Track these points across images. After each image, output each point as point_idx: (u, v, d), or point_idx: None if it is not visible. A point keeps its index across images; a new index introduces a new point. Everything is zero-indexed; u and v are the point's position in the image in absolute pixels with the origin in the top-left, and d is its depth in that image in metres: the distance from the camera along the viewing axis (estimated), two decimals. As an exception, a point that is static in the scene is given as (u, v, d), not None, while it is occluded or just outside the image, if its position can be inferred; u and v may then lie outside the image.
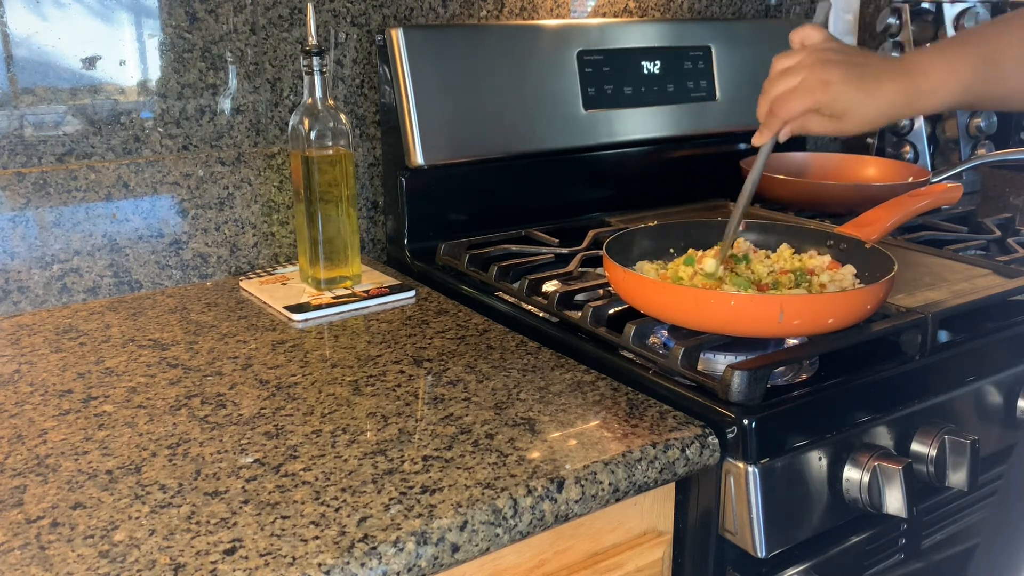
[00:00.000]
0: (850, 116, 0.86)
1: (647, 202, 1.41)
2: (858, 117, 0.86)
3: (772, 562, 0.80)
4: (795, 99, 0.87)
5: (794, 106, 0.87)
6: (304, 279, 1.14)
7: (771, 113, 0.89)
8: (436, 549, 0.63)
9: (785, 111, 0.87)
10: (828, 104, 0.86)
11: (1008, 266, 1.07)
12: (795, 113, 0.87)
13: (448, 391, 0.85)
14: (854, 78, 0.86)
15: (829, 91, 0.85)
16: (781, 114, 0.88)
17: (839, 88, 0.85)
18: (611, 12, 1.48)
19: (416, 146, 1.18)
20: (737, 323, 0.83)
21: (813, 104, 0.86)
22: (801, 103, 0.86)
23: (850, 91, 0.85)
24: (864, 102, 0.86)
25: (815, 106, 0.86)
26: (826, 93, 0.85)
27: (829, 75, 0.85)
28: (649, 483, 0.74)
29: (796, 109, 0.87)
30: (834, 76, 0.85)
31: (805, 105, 0.86)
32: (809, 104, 0.86)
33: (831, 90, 0.85)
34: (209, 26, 1.15)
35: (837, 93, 0.85)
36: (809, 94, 0.86)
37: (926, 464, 0.87)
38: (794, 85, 0.87)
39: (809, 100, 0.86)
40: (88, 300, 1.11)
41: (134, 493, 0.68)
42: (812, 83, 0.86)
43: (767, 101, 0.90)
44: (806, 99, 0.86)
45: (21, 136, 1.06)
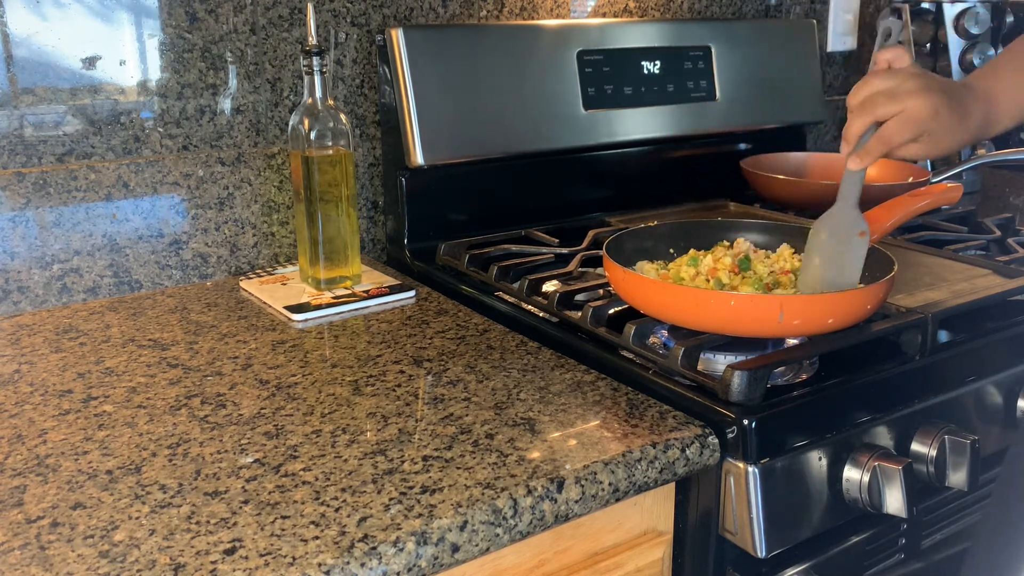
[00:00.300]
0: (944, 142, 0.87)
1: (647, 202, 1.41)
2: (950, 143, 0.88)
3: (772, 562, 0.80)
4: (906, 126, 0.86)
5: (905, 133, 0.86)
6: (304, 279, 1.14)
7: (879, 138, 0.87)
8: (436, 549, 0.63)
9: (897, 138, 0.86)
10: (933, 132, 0.86)
11: (1008, 266, 1.07)
12: (904, 140, 0.86)
13: (448, 391, 0.85)
14: (954, 106, 0.87)
15: (938, 120, 0.86)
16: (892, 141, 0.87)
17: (946, 117, 0.86)
18: (611, 12, 1.48)
19: (416, 146, 1.18)
20: (737, 323, 0.83)
21: (921, 132, 0.86)
22: (912, 130, 0.86)
23: (951, 118, 0.86)
24: (958, 129, 0.87)
25: (922, 133, 0.86)
26: (935, 121, 0.85)
27: (936, 102, 0.85)
28: (649, 483, 0.74)
29: (906, 136, 0.86)
30: (940, 104, 0.86)
31: (915, 132, 0.86)
32: (918, 132, 0.86)
33: (940, 119, 0.86)
34: (209, 26, 1.15)
35: (944, 122, 0.86)
36: (919, 122, 0.85)
37: (926, 464, 0.87)
38: (900, 110, 0.86)
39: (919, 128, 0.86)
40: (88, 300, 1.11)
41: (134, 493, 0.68)
42: (922, 111, 0.85)
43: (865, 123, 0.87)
44: (916, 127, 0.86)
45: (21, 136, 1.06)
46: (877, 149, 0.87)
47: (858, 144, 0.88)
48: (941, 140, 0.87)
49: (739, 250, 1.00)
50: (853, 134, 0.88)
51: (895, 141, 0.86)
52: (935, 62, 1.62)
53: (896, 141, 0.86)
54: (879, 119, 0.87)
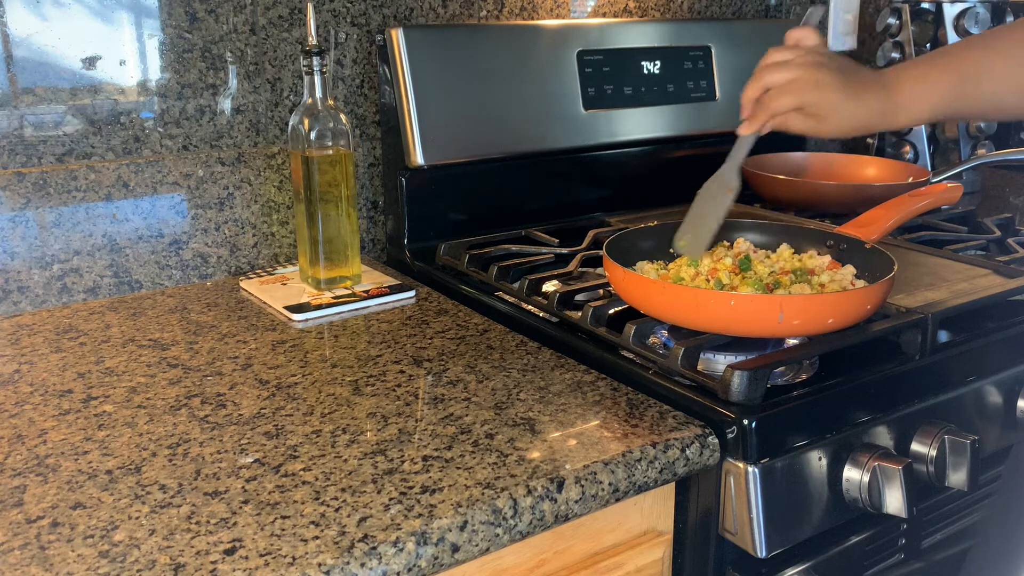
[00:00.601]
0: (831, 120, 0.89)
1: (647, 202, 1.41)
2: (838, 122, 0.89)
3: (772, 562, 0.80)
4: (786, 94, 0.90)
5: (785, 101, 0.90)
6: (304, 279, 1.14)
7: (761, 104, 0.92)
8: (436, 549, 0.63)
9: (775, 104, 0.90)
10: (815, 104, 0.89)
11: (1008, 266, 1.07)
12: (784, 107, 0.90)
13: (448, 391, 0.85)
14: (843, 84, 0.89)
15: (819, 92, 0.88)
16: (771, 107, 0.91)
17: (828, 91, 0.88)
18: (611, 12, 1.48)
19: (416, 146, 1.18)
20: (737, 323, 0.83)
21: (802, 101, 0.89)
22: (792, 99, 0.89)
23: (837, 96, 0.88)
24: (846, 108, 0.89)
25: (803, 104, 0.89)
26: (816, 93, 0.88)
27: (822, 76, 0.88)
28: (649, 483, 0.74)
29: (786, 103, 0.90)
30: (826, 79, 0.88)
31: (795, 101, 0.89)
32: (799, 101, 0.89)
33: (821, 92, 0.88)
34: (209, 26, 1.15)
35: (825, 95, 0.88)
36: (800, 91, 0.89)
37: (926, 464, 0.87)
38: (787, 79, 0.90)
39: (799, 97, 0.89)
40: (88, 300, 1.11)
41: (134, 493, 0.68)
42: (805, 81, 0.89)
43: (757, 88, 0.92)
44: (796, 96, 0.89)
45: (21, 136, 1.06)
46: (761, 115, 0.92)
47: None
48: (828, 117, 0.89)
49: (739, 250, 1.00)
50: (745, 98, 0.93)
51: (774, 107, 0.90)
52: (935, 62, 1.62)
53: (775, 107, 0.90)
54: (767, 86, 0.91)
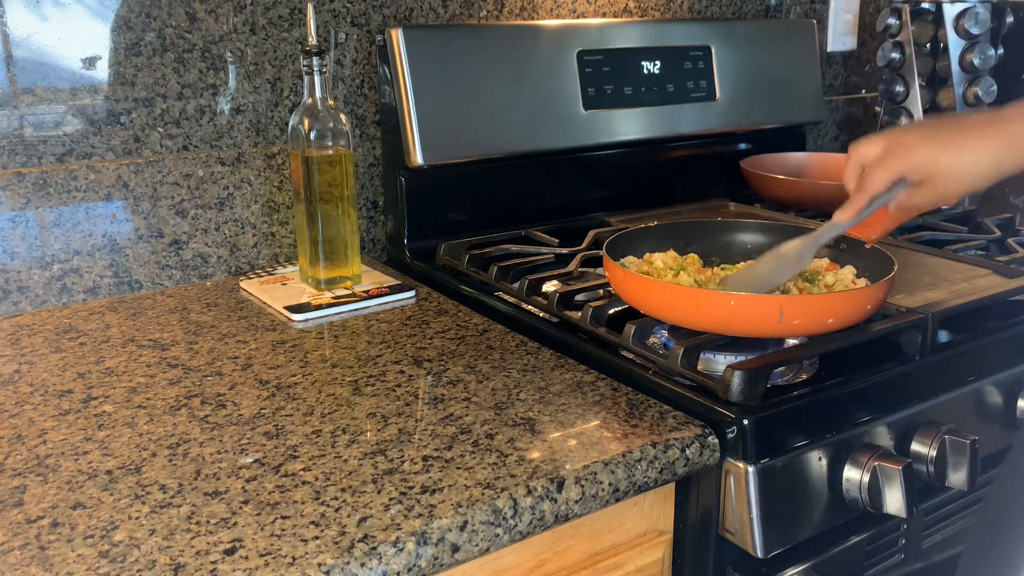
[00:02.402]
0: (944, 178, 0.83)
1: (647, 202, 1.41)
2: (954, 177, 0.83)
3: (772, 562, 0.80)
4: (877, 170, 0.85)
5: (878, 178, 0.85)
6: (304, 279, 1.14)
7: (858, 188, 0.87)
8: (436, 549, 0.63)
9: (869, 184, 0.86)
10: (910, 169, 0.84)
11: (1008, 266, 1.07)
12: (879, 184, 0.85)
13: (448, 391, 0.85)
14: (934, 138, 0.83)
15: (909, 155, 0.83)
16: (866, 188, 0.86)
17: (917, 151, 0.83)
18: (611, 12, 1.48)
19: (416, 146, 1.18)
20: (737, 323, 0.83)
21: (895, 173, 0.84)
22: (883, 174, 0.85)
23: (934, 152, 0.82)
24: (955, 160, 0.82)
25: (897, 174, 0.84)
26: (906, 158, 0.83)
27: (907, 139, 0.84)
28: (649, 483, 0.74)
29: (880, 181, 0.85)
30: (912, 140, 0.84)
31: (887, 175, 0.85)
32: (890, 174, 0.84)
33: (910, 154, 0.83)
34: (209, 26, 1.15)
35: (916, 156, 0.83)
36: (888, 162, 0.84)
37: (926, 464, 0.87)
38: (877, 152, 0.86)
39: (890, 169, 0.84)
40: (88, 300, 1.11)
41: (134, 493, 0.68)
42: (891, 150, 0.84)
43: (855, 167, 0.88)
44: (887, 169, 0.84)
45: (21, 136, 1.06)
46: (859, 199, 0.87)
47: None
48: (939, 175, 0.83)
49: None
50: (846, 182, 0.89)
51: (872, 187, 0.86)
52: (935, 62, 1.62)
53: (873, 186, 0.86)
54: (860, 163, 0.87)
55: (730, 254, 1.04)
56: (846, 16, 1.81)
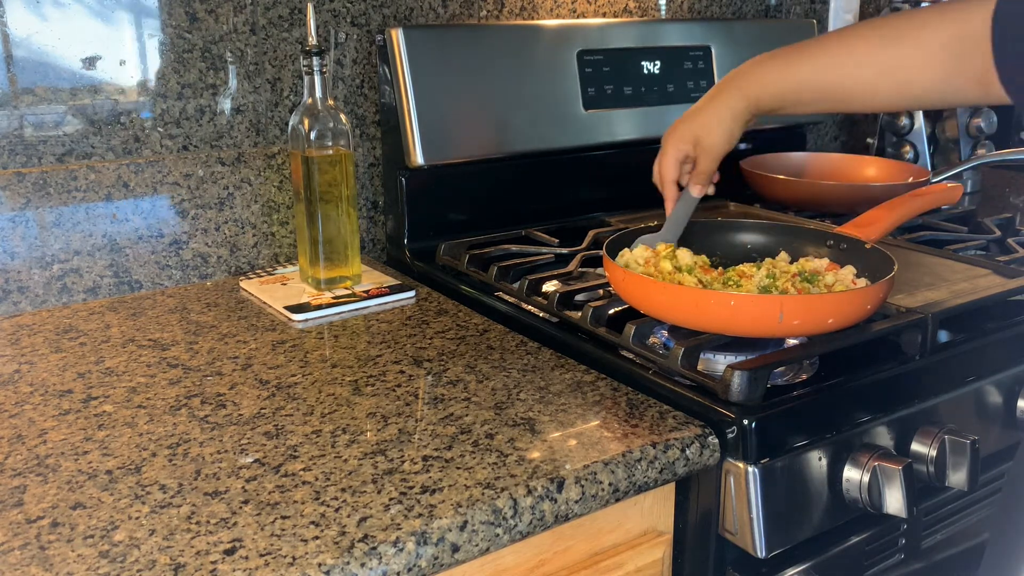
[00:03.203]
0: (708, 137, 0.96)
1: (647, 202, 1.40)
2: (715, 134, 0.96)
3: (772, 562, 0.80)
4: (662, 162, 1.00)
5: (664, 166, 1.00)
6: (304, 279, 1.14)
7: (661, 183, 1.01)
8: (436, 549, 0.63)
9: (662, 175, 1.00)
10: (682, 143, 0.97)
11: (1008, 266, 1.07)
12: (669, 170, 0.99)
13: (448, 391, 0.85)
14: (690, 113, 0.98)
15: (675, 134, 0.98)
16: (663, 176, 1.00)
17: (681, 128, 0.98)
18: (611, 12, 1.48)
19: (416, 146, 1.18)
20: (737, 323, 0.83)
21: (675, 154, 0.98)
22: (667, 161, 0.99)
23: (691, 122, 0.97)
24: (710, 121, 0.96)
25: (677, 153, 0.98)
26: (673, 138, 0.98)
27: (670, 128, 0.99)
28: (649, 483, 0.74)
29: (667, 167, 0.99)
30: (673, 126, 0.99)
31: (670, 159, 0.99)
32: (672, 156, 0.98)
33: (676, 133, 0.98)
34: (209, 26, 1.15)
35: (681, 132, 0.97)
36: (666, 152, 0.99)
37: (926, 464, 0.87)
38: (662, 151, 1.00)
39: (670, 154, 0.98)
40: (88, 300, 1.11)
41: (134, 493, 0.68)
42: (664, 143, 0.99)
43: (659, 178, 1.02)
44: (667, 156, 0.99)
45: (21, 136, 1.06)
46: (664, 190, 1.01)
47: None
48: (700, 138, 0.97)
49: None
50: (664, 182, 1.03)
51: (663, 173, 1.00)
52: (935, 62, 1.62)
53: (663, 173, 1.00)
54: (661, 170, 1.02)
55: (730, 254, 1.04)
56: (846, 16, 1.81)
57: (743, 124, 0.97)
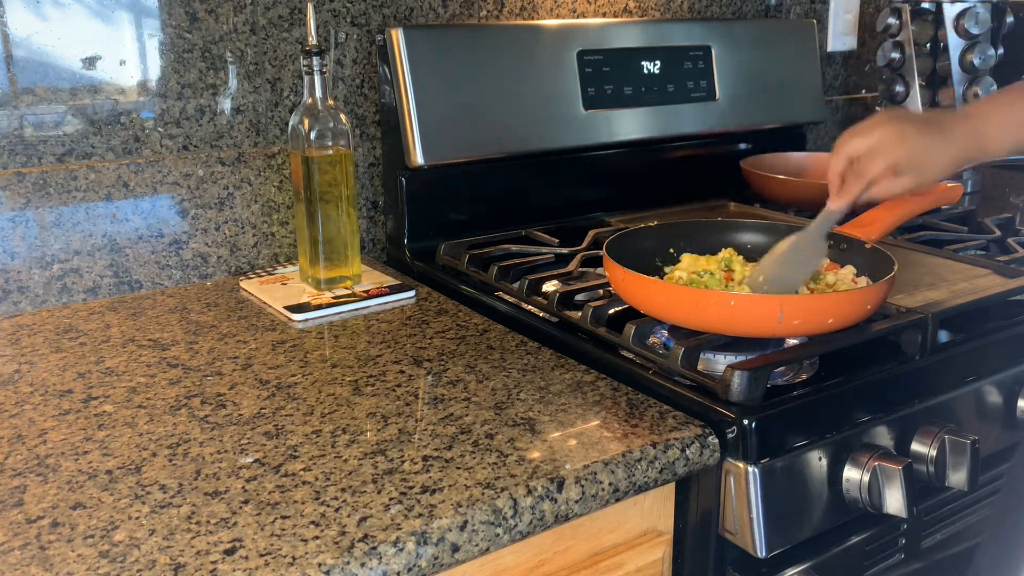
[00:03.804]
0: (926, 167, 0.89)
1: (647, 202, 1.41)
2: (933, 167, 0.89)
3: (772, 562, 0.80)
4: (875, 158, 0.89)
5: (875, 164, 0.89)
6: (304, 279, 1.14)
7: (853, 174, 0.90)
8: (436, 549, 0.63)
9: (867, 170, 0.89)
10: (906, 158, 0.88)
11: (1008, 266, 1.07)
12: (877, 170, 0.89)
13: (448, 391, 0.85)
14: (927, 129, 0.89)
15: (906, 144, 0.88)
16: (864, 173, 0.90)
17: (915, 140, 0.88)
18: (611, 12, 1.48)
19: (416, 146, 1.18)
20: (737, 323, 0.83)
21: (892, 159, 0.88)
22: (881, 160, 0.89)
23: (925, 142, 0.88)
24: (937, 151, 0.89)
25: (894, 161, 0.88)
26: (903, 146, 0.88)
27: (905, 128, 0.89)
28: (649, 483, 0.74)
29: (877, 166, 0.89)
30: (909, 130, 0.89)
31: (885, 161, 0.88)
32: (890, 160, 0.88)
33: (908, 143, 0.88)
34: (209, 26, 1.15)
35: (913, 145, 0.88)
36: (888, 151, 0.88)
37: (926, 464, 0.87)
38: (870, 144, 0.89)
39: (890, 156, 0.88)
40: (88, 300, 1.11)
41: (134, 493, 0.68)
42: (890, 139, 0.88)
43: (840, 161, 0.91)
44: (885, 156, 0.88)
45: (21, 136, 1.06)
46: (853, 185, 0.91)
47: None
48: (923, 165, 0.89)
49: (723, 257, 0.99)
50: (831, 175, 0.92)
51: (868, 173, 0.90)
52: (935, 62, 1.62)
53: (869, 173, 0.89)
54: (850, 156, 0.90)
55: (730, 254, 1.04)
56: (846, 16, 1.81)
57: (962, 168, 0.92)
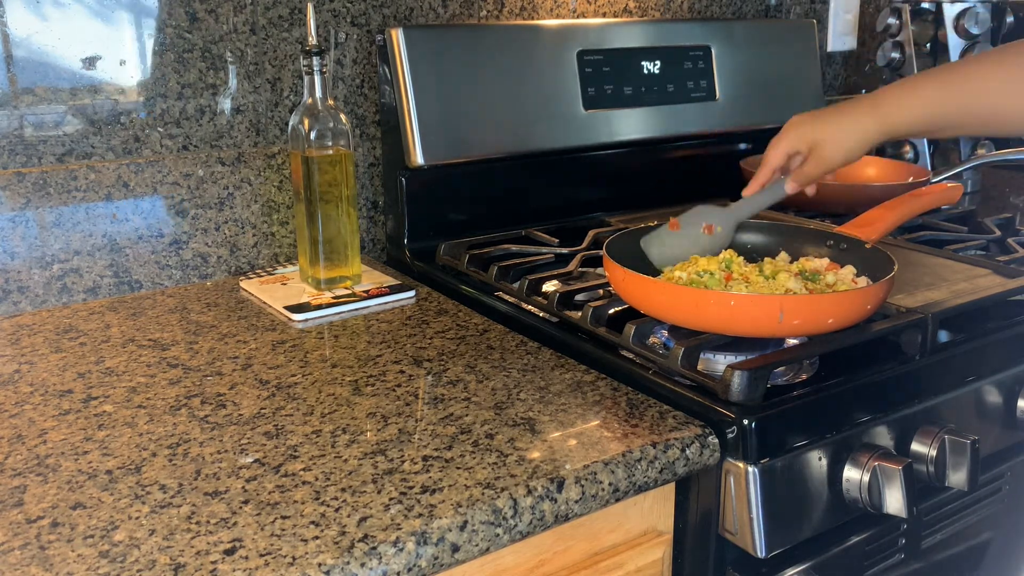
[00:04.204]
0: (829, 148, 0.97)
1: (647, 202, 1.41)
2: (837, 148, 0.97)
3: (772, 562, 0.80)
4: (773, 146, 1.01)
5: (773, 151, 1.01)
6: (304, 279, 1.14)
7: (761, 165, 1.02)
8: (436, 549, 0.63)
9: (767, 157, 1.01)
10: (798, 141, 0.99)
11: (1008, 266, 1.07)
12: (777, 157, 1.00)
13: (448, 391, 0.85)
14: (820, 116, 0.99)
15: (797, 129, 0.99)
16: (767, 162, 1.01)
17: (805, 126, 0.99)
18: (611, 12, 1.48)
19: (416, 146, 1.18)
20: (737, 323, 0.83)
21: (787, 145, 1.00)
22: (778, 148, 1.00)
23: (817, 125, 0.98)
24: (839, 133, 0.97)
25: (790, 147, 0.99)
26: (794, 131, 0.99)
27: (802, 119, 1.00)
28: (649, 483, 0.74)
29: (775, 153, 1.01)
30: (806, 119, 0.99)
31: (781, 148, 1.00)
32: (784, 146, 1.00)
33: (798, 128, 0.99)
34: (209, 26, 1.15)
35: (803, 130, 0.98)
36: (782, 138, 1.00)
37: (926, 464, 0.87)
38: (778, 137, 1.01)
39: (783, 143, 1.00)
40: (88, 300, 1.11)
41: (134, 493, 0.68)
42: (785, 129, 1.00)
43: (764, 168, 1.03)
44: (780, 143, 1.00)
45: (21, 136, 1.06)
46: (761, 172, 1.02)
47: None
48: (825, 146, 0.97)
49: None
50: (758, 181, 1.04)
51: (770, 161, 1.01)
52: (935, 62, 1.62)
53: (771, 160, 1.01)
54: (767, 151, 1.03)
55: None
56: (846, 16, 1.81)
57: (868, 145, 0.97)
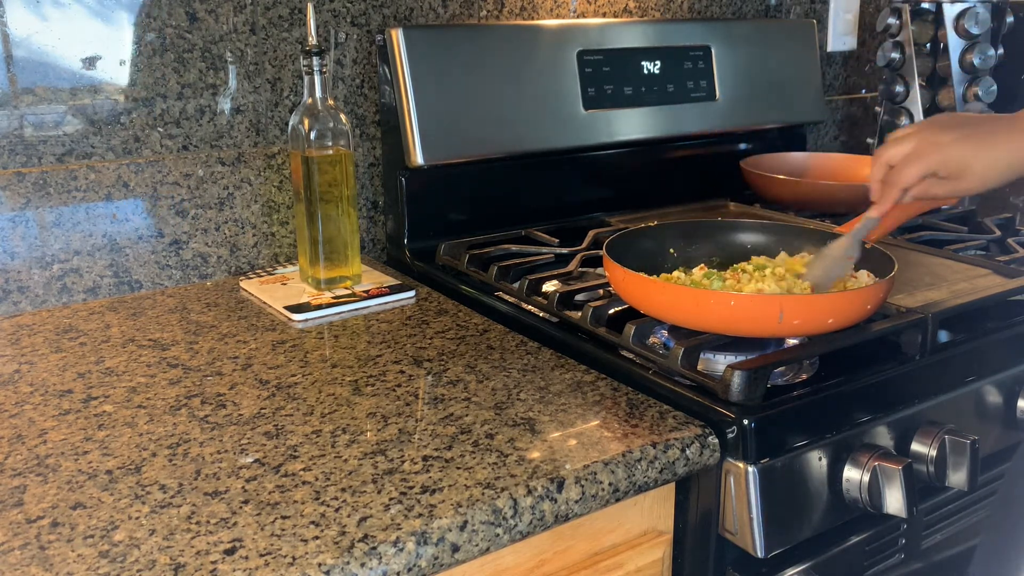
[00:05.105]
0: (968, 174, 0.88)
1: (647, 202, 1.41)
2: (976, 174, 0.88)
3: (772, 562, 0.80)
4: (910, 165, 0.89)
5: (910, 171, 0.89)
6: (304, 279, 1.14)
7: (887, 182, 0.91)
8: (436, 549, 0.63)
9: (902, 177, 0.90)
10: (942, 164, 0.88)
11: (1008, 266, 1.07)
12: (911, 178, 0.89)
13: (448, 391, 0.85)
14: (965, 137, 0.88)
15: (941, 151, 0.88)
16: (899, 181, 0.90)
17: (951, 148, 0.88)
18: (611, 12, 1.48)
19: (416, 146, 1.18)
20: (737, 323, 0.83)
21: (927, 167, 0.88)
22: (916, 168, 0.89)
23: (963, 149, 0.87)
24: (979, 158, 0.87)
25: (929, 169, 0.88)
26: (939, 153, 0.88)
27: (941, 137, 0.88)
28: (649, 483, 0.74)
29: (911, 174, 0.89)
30: (946, 138, 0.88)
31: (920, 170, 0.89)
32: (923, 168, 0.89)
33: (944, 150, 0.88)
34: (209, 26, 1.15)
35: (950, 153, 0.88)
36: (923, 158, 0.88)
37: (926, 464, 0.87)
38: (905, 151, 0.89)
39: (923, 164, 0.88)
40: (88, 300, 1.11)
41: (134, 493, 0.68)
42: (924, 146, 0.89)
43: (879, 167, 0.92)
44: (920, 163, 0.88)
45: (21, 136, 1.06)
46: (889, 193, 0.91)
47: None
48: (963, 172, 0.88)
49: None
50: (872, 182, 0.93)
51: (902, 181, 0.90)
52: (935, 62, 1.62)
53: (903, 181, 0.90)
54: (888, 163, 0.91)
55: (730, 254, 1.04)
56: (846, 16, 1.81)
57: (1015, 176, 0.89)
